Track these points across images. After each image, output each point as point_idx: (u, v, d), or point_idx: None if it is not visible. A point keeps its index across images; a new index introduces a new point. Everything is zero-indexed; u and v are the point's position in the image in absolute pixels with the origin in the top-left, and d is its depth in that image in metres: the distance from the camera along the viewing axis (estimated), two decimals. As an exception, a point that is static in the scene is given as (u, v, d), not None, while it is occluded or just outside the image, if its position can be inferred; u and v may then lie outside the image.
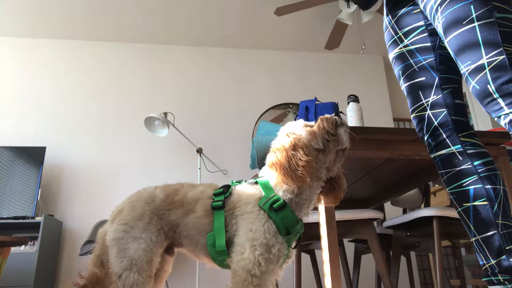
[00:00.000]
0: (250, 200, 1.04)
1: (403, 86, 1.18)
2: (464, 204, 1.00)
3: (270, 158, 1.04)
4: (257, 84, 4.14)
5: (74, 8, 3.57)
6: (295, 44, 4.26)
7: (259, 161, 1.91)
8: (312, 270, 2.52)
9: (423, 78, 1.11)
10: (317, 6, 3.34)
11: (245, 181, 1.12)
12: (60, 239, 3.23)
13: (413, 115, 1.14)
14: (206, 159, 3.54)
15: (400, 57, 1.17)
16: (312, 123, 1.10)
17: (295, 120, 1.18)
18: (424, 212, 1.81)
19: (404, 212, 2.76)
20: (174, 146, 3.71)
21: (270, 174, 1.05)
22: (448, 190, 1.06)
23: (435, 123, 1.07)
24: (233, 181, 1.14)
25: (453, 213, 1.81)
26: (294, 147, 1.00)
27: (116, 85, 3.89)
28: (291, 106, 4.09)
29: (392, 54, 1.21)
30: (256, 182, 1.08)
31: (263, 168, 1.10)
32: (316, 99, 2.06)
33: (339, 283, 1.40)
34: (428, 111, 1.08)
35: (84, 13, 3.64)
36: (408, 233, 2.15)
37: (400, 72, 1.18)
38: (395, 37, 1.19)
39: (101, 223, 1.13)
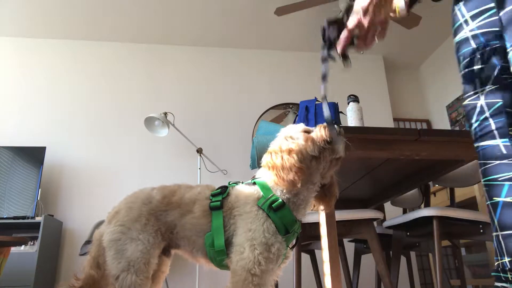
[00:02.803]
0: (248, 200, 1.04)
1: (462, 72, 1.11)
2: (494, 198, 0.98)
3: (265, 159, 1.06)
4: (257, 84, 4.14)
5: (74, 8, 3.56)
6: (295, 44, 4.26)
7: (259, 161, 1.91)
8: (312, 270, 2.52)
9: (484, 65, 1.04)
10: (317, 6, 3.34)
11: (242, 182, 1.13)
12: (60, 239, 3.23)
13: (465, 102, 1.08)
14: (206, 159, 3.54)
15: (464, 41, 1.10)
16: (312, 128, 1.10)
17: (295, 120, 1.19)
18: (424, 212, 1.81)
19: (404, 212, 2.76)
20: (174, 146, 3.71)
21: (267, 175, 1.06)
22: (483, 181, 1.03)
23: (487, 113, 1.01)
24: (230, 182, 1.14)
25: (453, 213, 1.81)
26: (290, 151, 1.02)
27: (116, 85, 3.89)
28: (291, 106, 4.09)
29: (456, 39, 1.14)
30: (254, 183, 1.09)
31: (260, 169, 1.11)
32: (316, 99, 2.06)
33: (339, 283, 1.40)
34: (482, 100, 1.03)
35: (84, 13, 3.64)
36: (408, 233, 2.15)
37: (461, 57, 1.11)
38: (461, 20, 1.11)
39: (101, 223, 1.14)
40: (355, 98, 1.92)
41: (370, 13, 0.91)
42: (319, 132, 1.05)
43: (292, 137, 1.06)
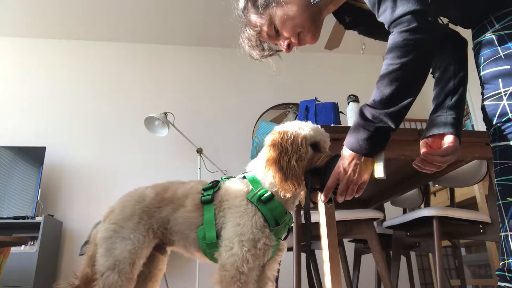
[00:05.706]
0: (238, 194, 1.07)
1: (482, 72, 1.08)
2: (507, 198, 0.98)
3: (268, 152, 1.05)
4: (257, 84, 4.14)
5: (74, 8, 3.56)
6: (295, 44, 4.25)
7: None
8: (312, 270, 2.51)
9: (508, 67, 1.02)
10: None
11: (234, 177, 1.16)
12: (60, 239, 3.24)
13: (486, 102, 1.06)
14: (206, 159, 3.54)
15: (487, 42, 1.07)
16: (320, 138, 1.08)
17: (295, 120, 1.19)
18: (424, 212, 1.81)
19: (404, 212, 2.76)
20: (174, 146, 3.71)
21: (258, 169, 1.09)
22: (496, 180, 1.02)
23: (510, 114, 1.00)
24: (222, 177, 1.18)
25: (453, 213, 1.81)
26: (298, 158, 1.00)
27: (116, 85, 3.89)
28: (291, 106, 4.09)
29: (477, 40, 1.11)
30: (244, 177, 1.12)
31: (252, 160, 1.15)
32: (316, 99, 2.07)
33: (339, 283, 1.40)
34: (505, 101, 1.00)
35: (84, 13, 3.64)
36: (408, 233, 2.15)
37: (483, 58, 1.07)
38: (485, 21, 1.07)
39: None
40: (355, 98, 1.92)
41: (349, 173, 0.95)
42: (319, 158, 1.03)
43: (303, 145, 1.03)
